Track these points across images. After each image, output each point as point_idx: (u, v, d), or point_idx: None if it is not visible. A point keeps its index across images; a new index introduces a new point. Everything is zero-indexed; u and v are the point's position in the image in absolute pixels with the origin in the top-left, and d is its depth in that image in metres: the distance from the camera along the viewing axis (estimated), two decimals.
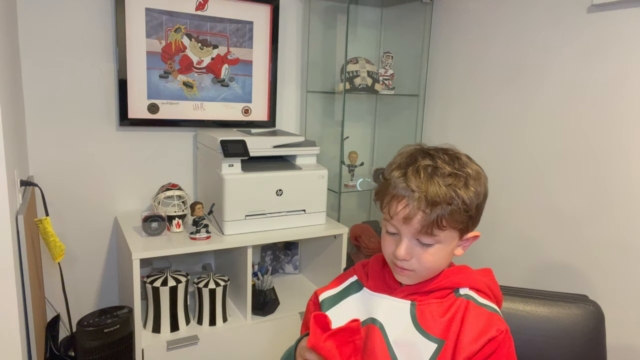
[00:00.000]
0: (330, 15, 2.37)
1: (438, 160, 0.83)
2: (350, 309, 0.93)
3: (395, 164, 0.86)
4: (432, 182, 0.80)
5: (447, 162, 0.83)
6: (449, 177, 0.81)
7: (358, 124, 2.55)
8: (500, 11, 1.91)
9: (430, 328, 0.84)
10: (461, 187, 0.81)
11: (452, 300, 0.86)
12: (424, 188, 0.79)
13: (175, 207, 1.87)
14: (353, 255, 2.31)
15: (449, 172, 0.81)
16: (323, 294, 0.98)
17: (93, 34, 1.88)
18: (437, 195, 0.79)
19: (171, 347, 1.68)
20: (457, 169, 0.82)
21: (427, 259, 0.84)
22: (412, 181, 0.81)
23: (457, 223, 0.82)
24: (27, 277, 1.31)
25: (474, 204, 0.83)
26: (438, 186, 0.80)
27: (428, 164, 0.82)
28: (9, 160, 1.20)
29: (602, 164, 1.61)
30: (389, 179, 0.84)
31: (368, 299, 0.92)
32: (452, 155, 0.85)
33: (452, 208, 0.80)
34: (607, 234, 1.60)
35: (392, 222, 0.84)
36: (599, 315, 1.04)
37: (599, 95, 1.60)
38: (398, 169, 0.84)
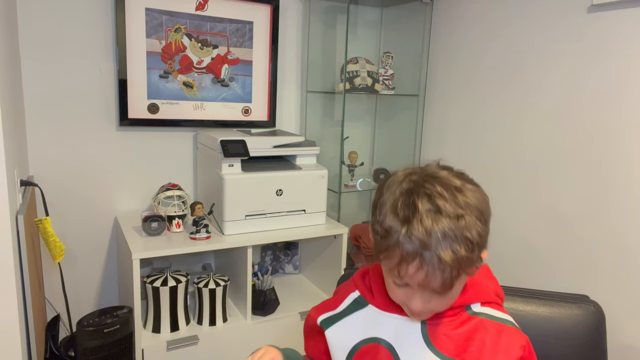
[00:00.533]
0: (330, 15, 2.37)
1: (438, 200, 0.72)
2: (353, 326, 0.87)
3: (389, 207, 0.75)
4: (443, 234, 0.69)
5: (447, 198, 0.72)
6: (456, 220, 0.71)
7: (358, 124, 2.55)
8: (500, 11, 1.91)
9: (444, 348, 0.80)
10: (472, 226, 0.71)
11: (465, 317, 0.83)
12: (437, 245, 0.69)
13: (175, 207, 1.87)
14: (353, 255, 2.31)
15: (454, 213, 0.71)
16: (322, 317, 0.92)
17: (93, 34, 1.88)
18: (453, 249, 0.69)
19: (171, 347, 1.68)
20: (461, 206, 0.72)
21: (445, 303, 0.78)
22: (420, 235, 0.69)
23: (476, 263, 0.74)
24: (27, 277, 1.31)
25: (485, 237, 0.75)
26: (451, 239, 0.69)
27: (429, 208, 0.71)
28: (9, 160, 1.20)
29: (602, 164, 1.61)
30: (388, 229, 0.73)
31: (374, 317, 0.86)
32: (446, 185, 0.74)
33: (468, 254, 0.71)
34: (608, 234, 1.60)
35: (403, 281, 0.75)
36: (599, 316, 1.04)
37: (599, 95, 1.60)
38: (395, 216, 0.73)
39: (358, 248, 2.32)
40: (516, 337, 0.81)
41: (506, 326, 0.83)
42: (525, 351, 0.81)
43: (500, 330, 0.82)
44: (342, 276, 1.13)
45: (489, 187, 2.00)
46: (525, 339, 0.82)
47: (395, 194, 0.75)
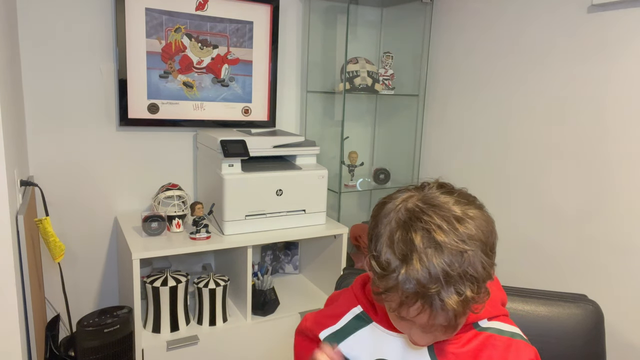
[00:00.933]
0: (330, 15, 2.37)
1: (437, 235, 0.66)
2: (358, 346, 0.83)
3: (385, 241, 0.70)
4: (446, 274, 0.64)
5: (447, 232, 0.66)
6: (459, 256, 0.65)
7: (358, 124, 2.55)
8: (500, 11, 1.91)
9: None
10: (476, 262, 0.66)
11: (472, 334, 0.80)
12: (439, 287, 0.64)
13: (175, 207, 1.87)
14: (353, 255, 2.31)
15: (456, 249, 0.66)
16: (324, 332, 0.87)
17: (93, 34, 1.88)
18: (458, 291, 0.65)
19: (171, 347, 1.68)
20: (462, 239, 0.66)
21: (450, 334, 0.74)
22: (421, 277, 0.65)
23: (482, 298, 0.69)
24: (27, 277, 1.31)
25: (491, 268, 0.69)
26: (455, 280, 0.65)
27: (428, 244, 0.66)
28: (9, 160, 1.20)
29: (601, 163, 1.61)
30: (385, 267, 0.68)
31: (379, 335, 0.82)
32: (445, 216, 0.68)
33: (474, 294, 0.66)
34: (607, 234, 1.60)
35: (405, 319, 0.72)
36: (598, 315, 1.04)
37: (599, 95, 1.60)
38: (392, 252, 0.68)
39: (358, 248, 2.32)
40: (525, 351, 0.79)
41: (514, 340, 0.80)
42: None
43: (508, 345, 0.79)
44: (341, 276, 1.13)
45: (488, 186, 2.00)
46: (533, 352, 0.80)
47: (392, 225, 0.70)
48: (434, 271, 0.64)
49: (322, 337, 0.86)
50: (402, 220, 0.69)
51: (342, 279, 1.12)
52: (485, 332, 0.80)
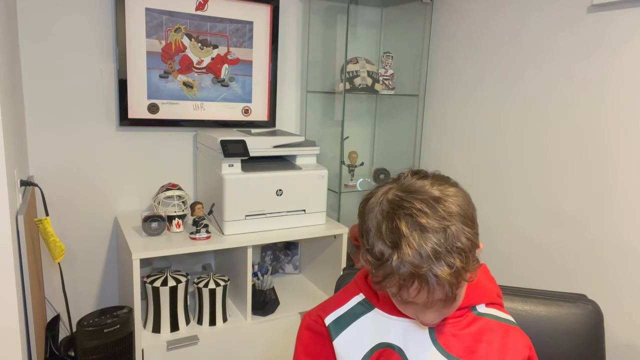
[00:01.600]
0: (330, 15, 2.37)
1: (420, 218, 0.71)
2: (362, 332, 0.86)
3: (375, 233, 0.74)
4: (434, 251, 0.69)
5: (428, 214, 0.71)
6: (443, 233, 0.70)
7: (358, 124, 2.55)
8: (500, 11, 1.91)
9: (453, 349, 0.81)
10: (460, 234, 0.71)
11: (471, 318, 0.84)
12: (430, 264, 0.69)
13: (175, 207, 1.87)
14: (353, 255, 2.31)
15: (439, 227, 0.70)
16: (329, 317, 0.89)
17: (93, 34, 1.88)
18: (448, 263, 0.69)
19: (171, 347, 1.68)
20: (444, 217, 0.71)
21: (454, 307, 0.79)
22: (412, 258, 0.69)
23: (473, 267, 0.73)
24: (27, 277, 1.31)
25: (476, 237, 0.74)
26: (444, 254, 0.69)
27: (413, 228, 0.70)
28: (9, 160, 1.20)
29: (600, 163, 1.61)
30: (379, 257, 0.72)
31: (381, 321, 0.85)
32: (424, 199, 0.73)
33: (463, 264, 0.71)
34: (605, 234, 1.60)
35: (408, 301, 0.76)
36: (597, 315, 1.04)
37: (599, 94, 1.60)
38: (383, 242, 0.72)
39: (358, 248, 2.32)
40: (521, 337, 0.84)
41: (511, 327, 0.85)
42: (532, 351, 0.83)
43: (506, 331, 0.83)
44: (341, 276, 1.13)
45: (488, 186, 2.00)
46: (528, 339, 0.84)
47: (378, 218, 0.75)
48: (424, 251, 0.69)
49: (327, 323, 0.88)
50: (386, 212, 0.74)
51: (341, 279, 1.12)
52: (484, 318, 0.84)
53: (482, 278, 0.89)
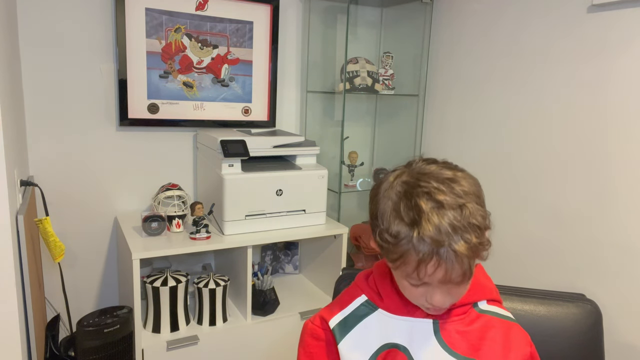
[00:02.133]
0: (330, 15, 2.37)
1: (438, 195, 0.72)
2: (366, 334, 0.86)
3: (391, 213, 0.75)
4: (453, 227, 0.71)
5: (445, 192, 0.73)
6: (460, 210, 0.72)
7: (358, 124, 2.55)
8: (500, 11, 1.91)
9: (458, 347, 0.81)
10: (475, 212, 0.73)
11: (474, 315, 0.85)
12: (449, 239, 0.70)
13: (175, 207, 1.87)
14: (353, 255, 2.31)
15: (456, 204, 0.72)
16: (333, 319, 0.88)
17: (93, 34, 1.88)
18: (466, 239, 0.71)
19: (171, 347, 1.68)
20: (460, 195, 0.73)
21: (463, 290, 0.79)
22: (432, 234, 0.70)
23: (486, 246, 0.75)
24: (27, 277, 1.31)
25: (488, 218, 0.76)
26: (461, 230, 0.71)
27: (432, 205, 0.72)
28: (9, 160, 1.20)
29: (600, 163, 1.61)
30: (396, 235, 0.73)
31: (386, 321, 0.85)
32: (440, 178, 0.75)
33: (479, 240, 0.72)
34: (604, 233, 1.60)
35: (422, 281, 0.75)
36: (596, 314, 1.04)
37: (599, 94, 1.60)
38: (401, 220, 0.73)
39: (358, 248, 2.32)
40: (522, 334, 0.85)
41: (512, 323, 0.86)
42: (532, 347, 0.85)
43: (508, 328, 0.85)
44: (340, 277, 1.13)
45: (488, 186, 2.00)
46: (528, 336, 0.86)
47: (393, 199, 0.75)
48: (443, 227, 0.70)
49: (332, 325, 0.88)
50: (403, 192, 0.75)
51: (341, 279, 1.12)
52: (486, 315, 0.85)
53: (480, 276, 0.89)
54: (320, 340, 0.90)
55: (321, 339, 0.89)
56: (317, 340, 0.90)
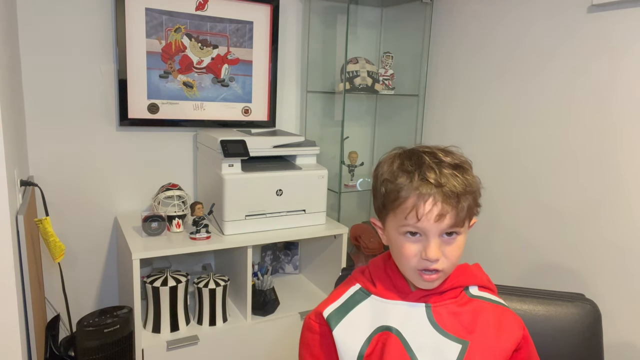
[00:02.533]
0: (330, 15, 2.37)
1: (438, 154, 0.83)
2: (360, 319, 0.88)
3: (396, 168, 0.83)
4: (450, 175, 0.80)
5: (444, 153, 0.84)
6: (457, 168, 0.82)
7: (358, 124, 2.55)
8: (500, 11, 1.91)
9: (451, 328, 0.83)
10: (470, 174, 0.83)
11: (466, 299, 0.87)
12: (446, 182, 0.79)
13: (175, 207, 1.87)
14: (353, 255, 2.31)
15: (453, 163, 0.82)
16: (327, 309, 0.91)
17: (93, 34, 1.88)
18: (461, 186, 0.80)
19: (171, 347, 1.68)
20: (457, 159, 0.83)
21: (454, 253, 0.82)
22: (432, 176, 0.79)
23: (476, 210, 0.84)
24: (27, 277, 1.31)
25: (480, 189, 0.85)
26: (456, 178, 0.80)
27: (433, 159, 0.82)
28: (9, 160, 1.20)
29: (600, 163, 1.61)
30: (399, 181, 0.81)
31: (379, 306, 0.88)
32: (437, 148, 0.85)
33: (473, 196, 0.81)
34: (604, 233, 1.60)
35: (419, 224, 0.80)
36: (595, 314, 1.04)
37: (599, 94, 1.60)
38: (404, 171, 0.82)
39: (358, 248, 2.32)
40: (515, 318, 0.87)
41: (505, 309, 0.88)
42: (525, 331, 0.87)
43: (502, 312, 0.87)
44: (340, 277, 1.13)
45: (488, 186, 2.00)
46: (521, 321, 0.88)
47: (396, 162, 0.84)
48: (442, 173, 0.80)
49: (325, 315, 0.90)
50: (406, 154, 0.85)
51: (340, 279, 1.12)
52: (478, 299, 0.88)
53: (473, 268, 0.92)
54: (314, 333, 0.92)
55: (315, 332, 0.92)
56: (312, 333, 0.93)
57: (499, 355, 0.82)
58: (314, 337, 0.92)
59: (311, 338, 0.93)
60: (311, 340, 0.93)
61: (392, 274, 0.89)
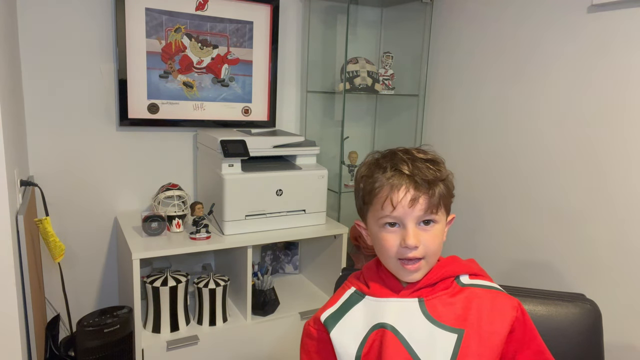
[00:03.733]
0: (330, 15, 2.37)
1: (412, 150, 0.90)
2: (356, 319, 0.90)
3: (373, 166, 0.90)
4: (422, 167, 0.86)
5: (418, 151, 0.90)
6: (429, 162, 0.88)
7: (358, 124, 2.55)
8: (500, 11, 1.91)
9: (445, 319, 0.84)
10: (442, 167, 0.89)
11: (458, 289, 0.88)
12: (418, 172, 0.85)
13: (175, 207, 1.87)
14: (353, 255, 2.31)
15: (426, 157, 0.88)
16: (324, 314, 0.94)
17: (93, 34, 1.88)
18: (433, 175, 0.85)
19: (171, 347, 1.68)
20: (429, 155, 0.90)
21: (433, 240, 0.86)
22: (405, 169, 0.85)
23: (449, 200, 0.89)
24: (27, 277, 1.31)
25: (453, 183, 0.90)
26: (427, 168, 0.86)
27: (406, 156, 0.88)
28: (9, 160, 1.20)
29: (600, 163, 1.61)
30: (374, 179, 0.87)
31: (373, 305, 0.90)
32: (415, 148, 0.92)
33: (445, 186, 0.87)
34: (604, 233, 1.60)
35: (394, 213, 0.84)
36: (596, 314, 1.05)
37: (599, 94, 1.60)
38: (379, 168, 0.88)
39: (358, 248, 2.32)
40: (508, 300, 0.88)
41: (498, 292, 0.89)
42: (518, 311, 0.87)
43: (494, 296, 0.88)
44: (340, 277, 1.13)
45: (488, 186, 2.00)
46: (516, 301, 0.88)
47: (373, 161, 0.91)
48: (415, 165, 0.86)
49: (322, 319, 0.93)
50: (382, 154, 0.92)
51: (341, 279, 1.12)
52: (469, 288, 0.89)
53: (461, 259, 0.94)
54: (312, 339, 0.95)
55: (313, 337, 0.95)
56: (310, 339, 0.96)
57: (495, 339, 0.83)
58: (312, 343, 0.95)
59: (310, 344, 0.96)
60: (310, 346, 0.96)
61: (384, 274, 0.92)
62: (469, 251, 2.10)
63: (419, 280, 0.88)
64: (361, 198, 0.91)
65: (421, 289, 0.88)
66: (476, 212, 2.06)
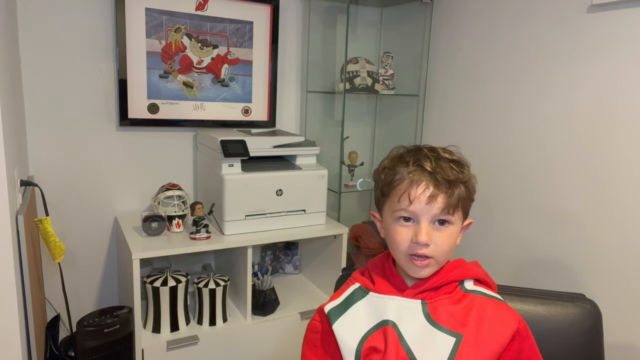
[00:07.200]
0: (330, 15, 2.37)
1: (438, 149, 0.89)
2: (359, 315, 0.91)
3: (396, 160, 0.90)
4: (445, 166, 0.85)
5: (444, 151, 0.90)
6: (453, 163, 0.87)
7: (358, 124, 2.55)
8: (500, 11, 1.91)
9: (446, 322, 0.85)
10: (466, 170, 0.88)
11: (461, 294, 0.88)
12: (441, 170, 0.85)
13: (175, 207, 1.87)
14: (353, 255, 2.31)
15: (451, 158, 0.88)
16: (328, 306, 0.95)
17: (93, 34, 1.88)
18: (455, 176, 0.85)
19: (171, 347, 1.68)
20: (455, 155, 0.89)
21: (445, 241, 0.86)
22: (427, 166, 0.85)
23: (468, 204, 0.88)
24: (27, 277, 1.31)
25: (474, 188, 0.90)
26: (451, 168, 0.85)
27: (432, 154, 0.88)
28: (9, 160, 1.20)
29: (600, 163, 1.61)
30: (395, 171, 0.87)
31: (377, 302, 0.91)
32: (441, 147, 0.91)
33: (465, 188, 0.87)
34: (604, 233, 1.60)
35: (410, 208, 0.84)
36: (596, 314, 1.05)
37: (599, 95, 1.60)
38: (402, 162, 0.88)
39: (358, 248, 2.32)
40: (511, 312, 0.88)
41: (501, 303, 0.89)
42: (521, 324, 0.87)
43: (497, 305, 0.88)
44: (340, 277, 1.13)
45: (488, 186, 2.00)
46: (519, 315, 0.88)
47: (397, 154, 0.91)
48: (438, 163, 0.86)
49: (326, 310, 0.94)
50: (407, 149, 0.91)
51: (341, 279, 1.12)
52: (472, 294, 0.89)
53: (470, 264, 0.94)
54: (317, 332, 0.96)
55: (317, 331, 0.96)
56: (314, 332, 0.97)
57: (493, 348, 0.83)
58: (317, 336, 0.96)
59: (315, 338, 0.97)
60: (315, 340, 0.97)
61: (390, 272, 0.93)
62: (469, 251, 2.10)
63: (425, 281, 0.88)
64: (380, 189, 0.91)
65: (425, 291, 0.89)
66: (476, 212, 2.07)
